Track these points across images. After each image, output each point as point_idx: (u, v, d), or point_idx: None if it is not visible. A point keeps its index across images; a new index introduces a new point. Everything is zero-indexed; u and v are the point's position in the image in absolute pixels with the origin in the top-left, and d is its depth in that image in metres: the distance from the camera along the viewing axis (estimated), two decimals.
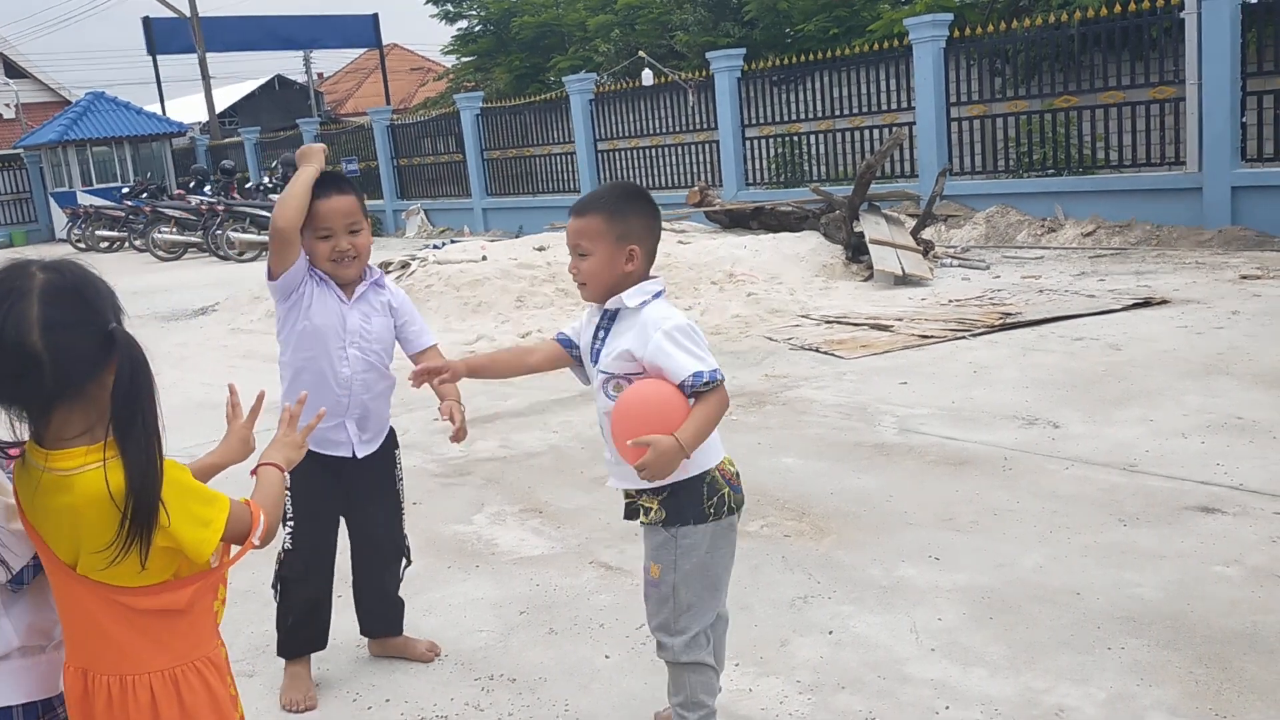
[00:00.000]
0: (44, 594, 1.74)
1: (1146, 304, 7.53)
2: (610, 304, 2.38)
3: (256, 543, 1.77)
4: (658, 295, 2.37)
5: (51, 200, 28.76)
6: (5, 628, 1.69)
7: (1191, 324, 6.81)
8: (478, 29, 24.97)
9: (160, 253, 19.35)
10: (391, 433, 3.14)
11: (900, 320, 7.72)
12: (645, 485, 2.34)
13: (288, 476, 1.94)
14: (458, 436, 2.86)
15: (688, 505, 2.35)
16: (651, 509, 2.37)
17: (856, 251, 10.02)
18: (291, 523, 2.95)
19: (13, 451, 1.67)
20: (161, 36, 28.56)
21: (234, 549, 1.79)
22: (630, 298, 2.35)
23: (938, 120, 12.67)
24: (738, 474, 2.46)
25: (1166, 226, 10.50)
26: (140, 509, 1.58)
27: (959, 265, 10.14)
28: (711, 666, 2.45)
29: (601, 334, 2.37)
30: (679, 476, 2.33)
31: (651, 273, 2.43)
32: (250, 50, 32.34)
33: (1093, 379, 5.74)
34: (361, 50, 38.12)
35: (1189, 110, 10.52)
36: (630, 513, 2.45)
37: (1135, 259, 9.79)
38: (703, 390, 2.24)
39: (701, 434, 2.26)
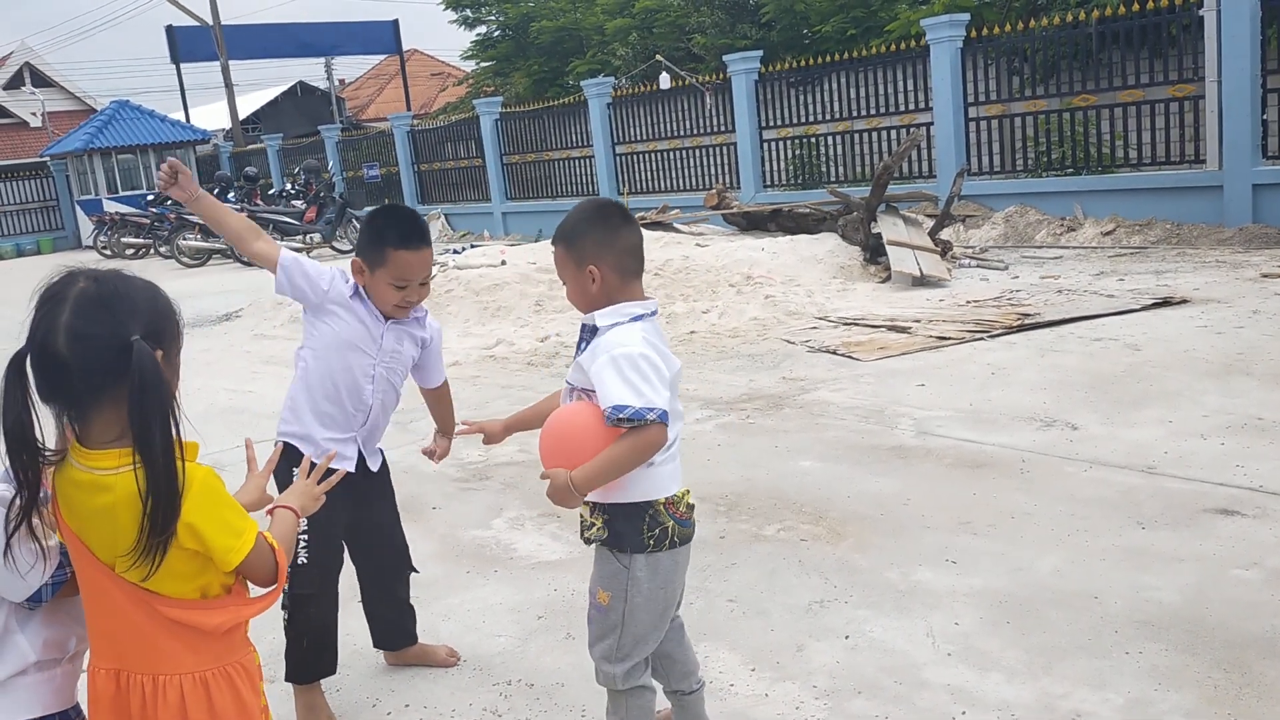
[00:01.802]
0: (57, 609, 1.78)
1: (1166, 303, 7.49)
2: (586, 319, 2.38)
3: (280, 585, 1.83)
4: (637, 319, 2.32)
5: (78, 208, 29.07)
6: (21, 643, 1.73)
7: (1212, 323, 6.76)
8: (497, 34, 25.08)
9: (185, 259, 19.52)
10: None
11: (918, 322, 7.71)
12: (594, 497, 2.35)
13: (303, 521, 1.98)
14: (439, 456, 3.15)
15: (627, 531, 2.33)
16: (595, 524, 2.37)
17: (874, 253, 10.00)
18: (305, 535, 2.87)
19: (44, 482, 1.71)
20: (185, 44, 28.82)
21: (252, 588, 1.82)
22: (603, 317, 2.33)
23: (955, 120, 12.64)
24: (691, 507, 2.42)
25: (1187, 225, 10.44)
26: (157, 516, 1.62)
27: (977, 266, 10.11)
28: (651, 689, 2.45)
29: (583, 345, 2.38)
30: (619, 498, 2.32)
31: (648, 293, 2.42)
32: (272, 57, 32.58)
33: (1111, 380, 5.72)
34: (382, 56, 38.32)
35: (1209, 108, 10.45)
36: (582, 525, 2.43)
37: (1155, 258, 9.73)
38: (625, 424, 2.20)
39: (600, 475, 2.24)
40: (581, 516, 2.45)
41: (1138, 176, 11.20)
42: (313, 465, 2.11)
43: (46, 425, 1.71)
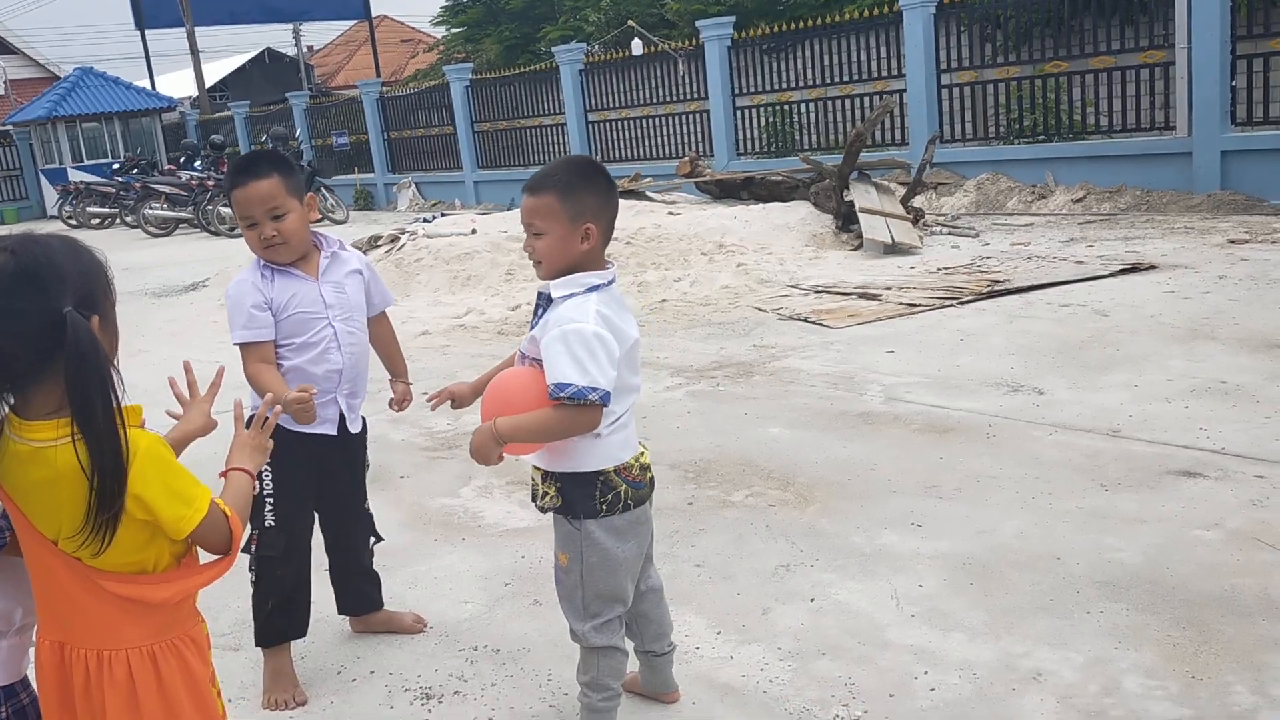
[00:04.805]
0: (3, 579, 1.72)
1: (1134, 269, 7.53)
2: (543, 288, 2.35)
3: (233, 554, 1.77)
4: (594, 289, 2.29)
5: (42, 177, 28.58)
6: None
7: (1178, 289, 6.82)
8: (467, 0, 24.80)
9: (151, 229, 19.27)
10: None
11: (889, 289, 7.72)
12: (545, 465, 2.37)
13: (270, 483, 1.93)
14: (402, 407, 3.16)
15: (580, 499, 2.34)
16: (549, 493, 2.38)
17: (847, 220, 10.00)
18: (272, 499, 2.86)
19: None
20: (149, 10, 28.32)
21: (201, 554, 1.77)
22: (559, 287, 2.30)
23: (928, 87, 12.62)
24: (646, 467, 2.43)
25: (1156, 191, 10.50)
26: (104, 492, 1.58)
27: (949, 233, 10.13)
28: (623, 650, 2.46)
29: (540, 312, 2.36)
30: (569, 468, 2.33)
31: (609, 258, 2.40)
32: (239, 23, 32.04)
33: (1079, 345, 5.76)
34: (351, 22, 37.81)
35: (1179, 74, 10.48)
36: (532, 493, 2.45)
37: (1125, 224, 9.78)
38: (567, 402, 2.19)
39: (525, 431, 2.24)
40: (533, 483, 2.45)
41: (1108, 143, 11.23)
42: (267, 420, 2.02)
43: None
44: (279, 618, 2.94)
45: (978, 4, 12.20)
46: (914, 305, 7.11)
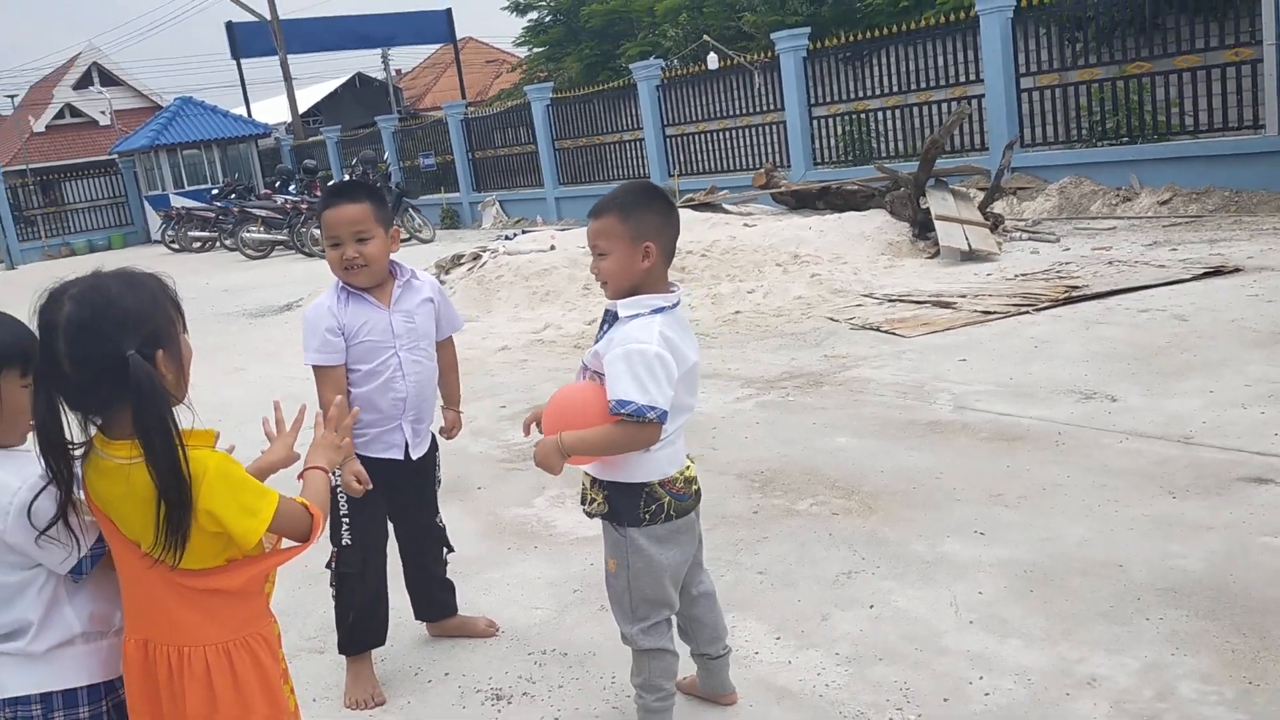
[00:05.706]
0: (104, 584, 1.91)
1: (1218, 273, 7.37)
2: (609, 305, 2.48)
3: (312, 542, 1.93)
4: (658, 310, 2.40)
5: (146, 203, 29.88)
6: (68, 615, 1.87)
7: (1262, 292, 6.66)
8: (548, 19, 25.22)
9: (249, 251, 20.00)
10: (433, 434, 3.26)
11: (964, 297, 7.69)
12: (594, 474, 2.50)
13: (333, 476, 2.08)
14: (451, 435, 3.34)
15: (625, 508, 2.47)
16: (596, 499, 2.52)
17: (923, 229, 9.96)
18: (348, 519, 3.03)
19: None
20: (244, 40, 29.41)
21: (285, 542, 1.94)
22: (625, 307, 2.42)
23: (1006, 91, 12.48)
24: (691, 480, 2.54)
25: (1245, 192, 10.23)
26: (172, 517, 1.75)
27: (1029, 239, 10.01)
28: (672, 652, 2.57)
29: (605, 328, 2.49)
30: (617, 478, 2.46)
31: (674, 282, 2.52)
32: (329, 50, 33.07)
33: (1155, 351, 5.68)
34: (438, 45, 38.68)
35: (1267, 71, 10.20)
36: (582, 497, 2.59)
37: (1211, 226, 9.55)
38: (626, 419, 2.31)
39: (588, 445, 2.37)
40: (583, 489, 2.58)
41: (1195, 144, 10.98)
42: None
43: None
44: (360, 629, 3.13)
45: (1058, 5, 12.04)
46: (989, 313, 7.08)
